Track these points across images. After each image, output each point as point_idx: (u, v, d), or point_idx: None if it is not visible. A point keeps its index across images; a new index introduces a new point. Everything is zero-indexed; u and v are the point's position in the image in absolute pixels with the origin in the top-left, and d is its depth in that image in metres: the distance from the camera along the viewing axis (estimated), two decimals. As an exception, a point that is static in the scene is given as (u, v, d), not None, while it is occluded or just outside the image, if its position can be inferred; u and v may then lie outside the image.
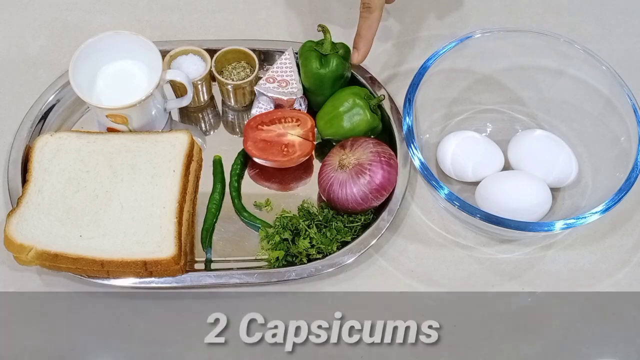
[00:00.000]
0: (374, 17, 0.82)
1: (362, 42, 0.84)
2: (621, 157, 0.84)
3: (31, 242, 0.79)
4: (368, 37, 0.84)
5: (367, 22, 0.82)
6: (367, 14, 0.82)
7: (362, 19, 0.83)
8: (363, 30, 0.83)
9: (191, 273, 0.82)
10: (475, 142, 0.89)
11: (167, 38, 0.98)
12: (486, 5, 1.03)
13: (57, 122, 0.92)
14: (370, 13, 0.82)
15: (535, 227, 0.80)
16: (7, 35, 0.99)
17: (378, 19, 0.82)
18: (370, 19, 0.82)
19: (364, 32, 0.83)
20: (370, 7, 0.81)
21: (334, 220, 0.84)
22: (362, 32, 0.83)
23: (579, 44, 0.88)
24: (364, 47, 0.84)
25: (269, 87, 0.90)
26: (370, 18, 0.82)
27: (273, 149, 0.87)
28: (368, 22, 0.82)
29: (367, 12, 0.82)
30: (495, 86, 0.94)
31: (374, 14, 0.81)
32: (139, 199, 0.82)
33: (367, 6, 0.81)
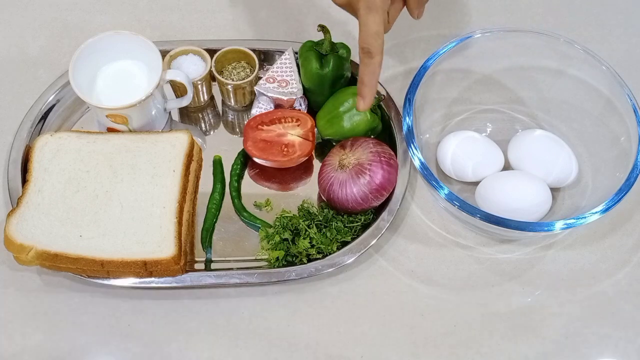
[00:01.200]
0: (375, 61, 0.76)
1: (367, 89, 0.78)
2: (621, 157, 0.84)
3: (31, 242, 0.79)
4: (372, 83, 0.77)
5: (369, 67, 0.76)
6: (368, 60, 0.76)
7: (364, 65, 0.77)
8: (366, 77, 0.77)
9: (191, 273, 0.82)
10: (475, 142, 0.89)
11: (167, 38, 0.98)
12: (486, 5, 1.03)
13: (57, 122, 0.92)
14: (371, 58, 0.76)
15: (535, 227, 0.80)
16: (7, 35, 0.99)
17: (380, 63, 0.76)
18: (372, 64, 0.76)
19: (367, 79, 0.77)
20: (370, 52, 0.75)
21: (334, 220, 0.84)
22: (365, 78, 0.77)
23: (579, 44, 0.88)
24: (369, 94, 0.78)
25: (269, 87, 0.90)
26: (372, 63, 0.76)
27: (273, 149, 0.87)
28: (370, 68, 0.76)
29: (368, 57, 0.76)
30: (495, 86, 0.94)
31: (375, 58, 0.76)
32: (139, 199, 0.82)
33: (367, 51, 0.75)
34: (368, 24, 0.75)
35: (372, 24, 0.75)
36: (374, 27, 0.75)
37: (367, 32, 0.75)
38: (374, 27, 0.75)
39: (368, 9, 0.75)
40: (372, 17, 0.75)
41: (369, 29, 0.75)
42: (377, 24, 0.75)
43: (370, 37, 0.75)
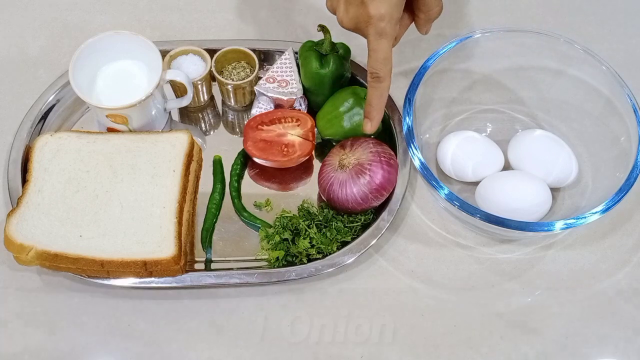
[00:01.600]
0: (384, 86, 0.78)
1: (375, 112, 0.80)
2: (621, 157, 0.84)
3: (31, 242, 0.79)
4: (380, 106, 0.80)
5: (377, 91, 0.79)
6: (376, 84, 0.78)
7: (372, 89, 0.79)
8: (374, 100, 0.79)
9: (191, 273, 0.82)
10: (475, 142, 0.89)
11: (167, 38, 0.98)
12: (486, 5, 1.03)
13: (57, 122, 0.92)
14: (380, 82, 0.78)
15: (535, 227, 0.80)
16: (7, 35, 0.99)
17: (388, 87, 0.79)
18: (381, 89, 0.78)
19: (376, 102, 0.80)
20: (379, 76, 0.77)
21: (334, 220, 0.84)
22: (374, 102, 0.80)
23: (579, 44, 0.88)
24: (377, 116, 0.81)
25: (269, 87, 0.90)
26: (380, 87, 0.78)
27: (273, 149, 0.87)
28: (379, 92, 0.79)
29: (377, 81, 0.78)
30: (495, 86, 0.94)
31: (383, 83, 0.78)
32: (139, 199, 0.82)
33: (376, 76, 0.77)
34: (378, 50, 0.76)
35: (381, 51, 0.76)
36: (383, 54, 0.77)
37: (376, 58, 0.77)
38: (383, 54, 0.77)
39: (378, 35, 0.76)
40: (382, 43, 0.76)
41: (379, 55, 0.77)
42: (386, 51, 0.76)
43: (380, 63, 0.77)
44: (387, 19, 0.75)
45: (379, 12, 0.75)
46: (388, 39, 0.76)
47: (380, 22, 0.75)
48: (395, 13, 0.76)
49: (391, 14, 0.75)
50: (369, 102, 0.80)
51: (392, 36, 0.77)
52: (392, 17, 0.75)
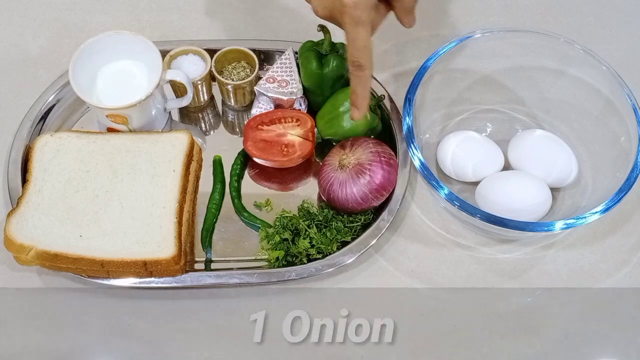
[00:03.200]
0: (366, 74, 0.78)
1: (360, 99, 0.80)
2: (621, 157, 0.84)
3: (31, 242, 0.79)
4: (365, 94, 0.80)
5: (360, 80, 0.79)
6: (358, 73, 0.78)
7: (355, 78, 0.79)
8: (358, 89, 0.80)
9: (191, 273, 0.82)
10: (475, 142, 0.89)
11: (167, 38, 0.98)
12: (486, 5, 1.03)
13: (57, 122, 0.92)
14: (362, 71, 0.77)
15: (535, 227, 0.80)
16: (7, 35, 0.99)
17: (370, 74, 0.79)
18: (364, 77, 0.78)
19: (360, 91, 0.80)
20: (360, 65, 0.77)
21: (334, 220, 0.84)
22: (358, 90, 0.80)
23: (579, 44, 0.88)
24: (363, 104, 0.81)
25: (269, 87, 0.90)
26: (363, 76, 0.78)
27: (273, 149, 0.87)
28: (362, 80, 0.79)
29: (359, 70, 0.77)
30: (495, 86, 0.94)
31: (365, 71, 0.77)
32: (139, 199, 0.82)
33: (358, 65, 0.77)
34: (356, 38, 0.75)
35: (359, 38, 0.75)
36: (361, 42, 0.76)
37: (355, 46, 0.76)
38: (361, 42, 0.76)
39: (354, 23, 0.75)
40: (360, 31, 0.75)
41: (357, 43, 0.76)
42: (364, 38, 0.75)
43: (359, 51, 0.76)
44: (361, 6, 0.73)
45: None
46: (365, 27, 0.75)
47: (355, 10, 0.73)
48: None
49: (365, 1, 0.73)
50: (353, 90, 0.80)
51: (369, 23, 0.76)
52: (366, 4, 0.74)
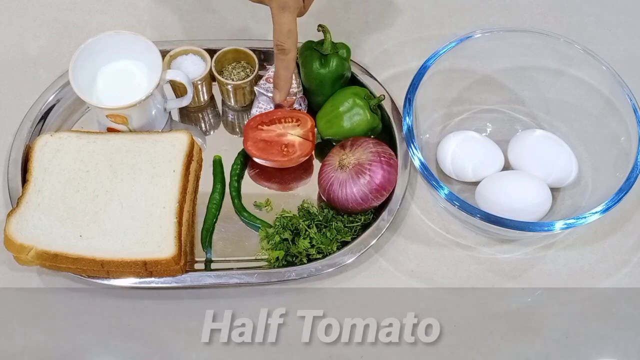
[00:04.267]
0: (289, 57, 0.81)
1: (282, 82, 0.84)
2: (621, 157, 0.84)
3: (31, 242, 0.79)
4: (287, 76, 0.84)
5: (283, 63, 0.82)
6: (282, 56, 0.81)
7: (279, 61, 0.82)
8: (281, 72, 0.83)
9: (191, 273, 0.82)
10: (475, 142, 0.89)
11: (167, 38, 0.98)
12: (486, 5, 1.03)
13: (57, 122, 0.92)
14: (285, 55, 0.81)
15: (535, 227, 0.80)
16: (7, 35, 0.99)
17: (294, 58, 0.82)
18: (287, 60, 0.82)
19: (282, 73, 0.84)
20: (284, 49, 0.80)
21: (334, 220, 0.84)
22: (280, 73, 0.84)
23: (579, 44, 0.88)
24: (284, 86, 0.85)
25: (269, 87, 0.90)
26: (286, 60, 0.82)
27: (273, 149, 0.87)
28: (284, 64, 0.82)
29: (282, 54, 0.81)
30: (495, 86, 0.94)
31: (289, 55, 0.81)
32: (139, 199, 0.82)
33: (281, 48, 0.81)
34: (281, 22, 0.79)
35: (285, 23, 0.79)
36: (286, 26, 0.79)
37: (280, 31, 0.79)
38: (286, 26, 0.79)
39: (281, 8, 0.78)
40: (285, 16, 0.78)
41: (282, 27, 0.79)
42: (289, 23, 0.79)
43: (284, 36, 0.80)
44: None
45: None
46: (291, 11, 0.78)
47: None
48: None
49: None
50: (276, 73, 0.84)
51: (296, 8, 0.79)
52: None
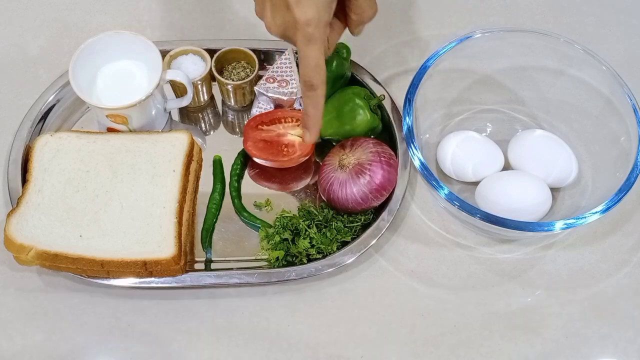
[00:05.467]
0: (318, 94, 0.76)
1: (312, 122, 0.78)
2: (621, 157, 0.84)
3: (31, 242, 0.79)
4: (317, 115, 0.78)
5: (312, 100, 0.76)
6: (311, 93, 0.76)
7: (307, 98, 0.77)
8: (310, 109, 0.77)
9: (191, 273, 0.82)
10: (475, 142, 0.89)
11: (167, 38, 0.98)
12: (486, 5, 1.03)
13: (57, 122, 0.92)
14: (313, 91, 0.75)
15: (535, 227, 0.80)
16: (7, 35, 0.99)
17: (323, 94, 0.76)
18: (316, 97, 0.76)
19: (312, 112, 0.78)
20: (312, 84, 0.75)
21: (334, 220, 0.84)
22: (310, 111, 0.78)
23: (579, 44, 0.88)
24: (314, 126, 0.79)
25: (269, 87, 0.90)
26: (315, 96, 0.76)
27: (273, 149, 0.87)
28: (314, 100, 0.76)
29: (310, 90, 0.75)
30: (495, 86, 0.94)
31: (317, 91, 0.75)
32: (139, 199, 0.82)
33: (310, 85, 0.75)
34: (308, 57, 0.73)
35: (312, 57, 0.73)
36: (314, 60, 0.74)
37: (307, 65, 0.74)
38: (314, 60, 0.74)
39: (307, 41, 0.72)
40: (312, 49, 0.73)
41: (310, 62, 0.74)
42: (317, 57, 0.74)
43: (312, 70, 0.74)
44: (314, 24, 0.71)
45: (305, 16, 0.71)
46: (318, 45, 0.73)
47: (308, 27, 0.71)
48: (324, 16, 0.72)
49: (319, 18, 0.71)
50: (305, 111, 0.78)
51: (322, 41, 0.74)
52: (320, 21, 0.71)
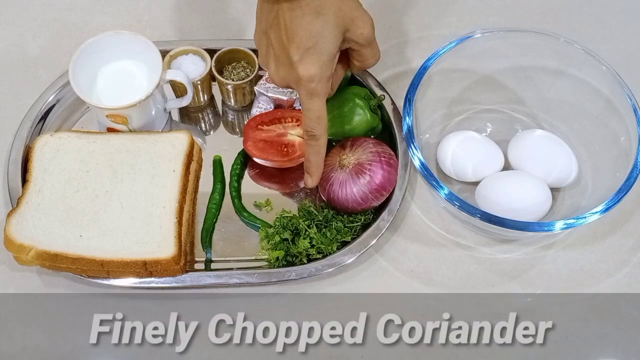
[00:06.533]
0: (320, 143, 0.79)
1: (313, 168, 0.81)
2: (621, 157, 0.84)
3: (31, 242, 0.79)
4: (318, 162, 0.80)
5: (314, 149, 0.79)
6: (312, 142, 0.79)
7: (309, 147, 0.79)
8: (312, 157, 0.80)
9: (191, 273, 0.82)
10: (475, 142, 0.89)
11: (167, 38, 0.98)
12: (486, 5, 1.03)
13: (57, 122, 0.92)
14: (315, 140, 0.78)
15: (535, 227, 0.80)
16: (7, 35, 0.99)
17: (324, 143, 0.79)
18: (317, 146, 0.79)
19: (314, 159, 0.80)
20: (314, 135, 0.78)
21: (334, 220, 0.84)
22: (312, 158, 0.80)
23: (579, 44, 0.88)
24: (316, 172, 0.81)
25: (269, 87, 0.90)
26: (316, 145, 0.79)
27: (273, 149, 0.87)
28: (315, 149, 0.79)
29: (313, 140, 0.78)
30: (495, 86, 0.94)
31: (319, 140, 0.78)
32: (139, 199, 0.82)
33: (312, 134, 0.78)
34: (311, 109, 0.76)
35: (314, 110, 0.76)
36: (316, 113, 0.77)
37: (310, 117, 0.77)
38: (316, 113, 0.77)
39: (310, 95, 0.75)
40: (314, 103, 0.76)
41: (312, 114, 0.77)
42: (319, 109, 0.77)
43: (313, 122, 0.77)
44: (317, 79, 0.74)
45: (308, 73, 0.73)
46: (320, 98, 0.76)
47: (311, 82, 0.74)
48: (326, 72, 0.75)
49: (321, 74, 0.74)
50: (307, 158, 0.81)
51: (325, 94, 0.76)
52: (322, 76, 0.74)
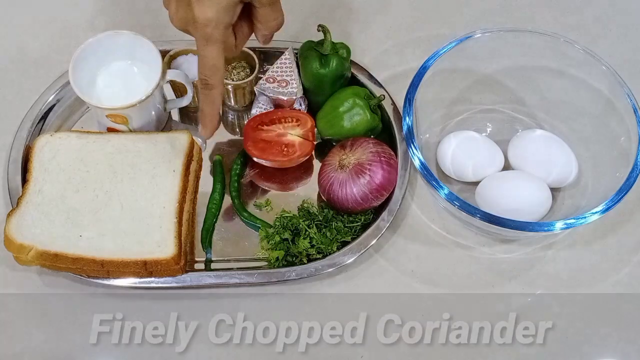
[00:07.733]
0: (214, 93, 0.76)
1: (207, 119, 0.78)
2: (621, 157, 0.84)
3: (31, 242, 0.79)
4: (213, 113, 0.78)
5: (208, 98, 0.76)
6: (207, 91, 0.76)
7: (203, 96, 0.76)
8: (206, 107, 0.77)
9: (191, 273, 0.82)
10: (475, 142, 0.89)
11: (167, 38, 0.97)
12: (486, 5, 1.03)
13: (57, 122, 0.92)
14: (210, 90, 0.75)
15: (535, 227, 0.80)
16: (7, 35, 0.99)
17: (220, 93, 0.76)
18: (212, 96, 0.76)
19: (208, 110, 0.77)
20: (208, 84, 0.75)
21: (334, 220, 0.84)
22: (205, 109, 0.77)
23: (579, 44, 0.88)
24: (210, 123, 0.79)
25: (269, 87, 0.90)
26: (211, 95, 0.76)
27: (273, 149, 0.87)
28: (210, 99, 0.76)
29: (207, 88, 0.75)
30: (495, 86, 0.94)
31: (213, 90, 0.75)
32: (139, 199, 0.82)
33: (206, 83, 0.75)
34: (205, 56, 0.74)
35: (209, 57, 0.73)
36: (211, 60, 0.74)
37: (204, 65, 0.74)
38: (211, 60, 0.74)
39: (205, 40, 0.72)
40: (209, 49, 0.73)
41: (207, 61, 0.74)
42: (215, 57, 0.73)
43: (208, 70, 0.74)
44: (213, 24, 0.71)
45: (205, 16, 0.70)
46: (216, 45, 0.72)
47: (206, 27, 0.71)
48: (224, 18, 0.71)
49: (218, 18, 0.70)
50: (201, 109, 0.78)
51: (221, 42, 0.73)
52: (219, 22, 0.71)
